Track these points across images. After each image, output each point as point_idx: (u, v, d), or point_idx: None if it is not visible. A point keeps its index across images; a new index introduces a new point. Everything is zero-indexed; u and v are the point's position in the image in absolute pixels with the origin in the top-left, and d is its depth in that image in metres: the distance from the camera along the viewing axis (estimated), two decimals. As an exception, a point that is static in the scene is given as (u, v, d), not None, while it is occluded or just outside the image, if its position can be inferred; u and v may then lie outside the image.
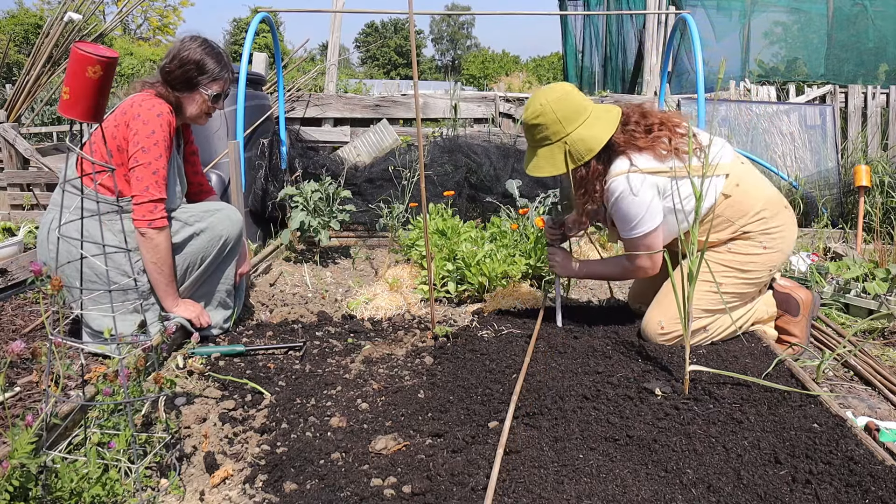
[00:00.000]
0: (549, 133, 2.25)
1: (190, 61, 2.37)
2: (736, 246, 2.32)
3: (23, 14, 17.63)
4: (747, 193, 2.29)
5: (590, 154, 2.22)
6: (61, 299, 2.37)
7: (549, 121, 2.23)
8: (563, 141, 2.24)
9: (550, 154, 2.28)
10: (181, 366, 2.20)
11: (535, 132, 2.29)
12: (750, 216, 2.28)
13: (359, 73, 28.49)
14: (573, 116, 2.23)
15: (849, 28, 6.33)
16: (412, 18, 2.39)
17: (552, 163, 2.28)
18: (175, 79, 2.37)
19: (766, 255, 2.31)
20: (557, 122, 2.23)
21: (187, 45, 2.39)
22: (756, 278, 2.34)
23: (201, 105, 2.44)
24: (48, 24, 5.30)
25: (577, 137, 2.23)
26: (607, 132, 2.23)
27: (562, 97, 2.24)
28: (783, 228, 2.32)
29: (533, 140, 2.32)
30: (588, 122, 2.24)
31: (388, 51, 56.37)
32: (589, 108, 2.26)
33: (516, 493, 1.52)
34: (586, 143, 2.22)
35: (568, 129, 2.23)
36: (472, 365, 2.22)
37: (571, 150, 2.24)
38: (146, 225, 2.24)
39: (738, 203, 2.28)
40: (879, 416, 2.02)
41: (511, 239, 3.27)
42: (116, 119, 2.28)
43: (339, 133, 5.53)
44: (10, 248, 3.39)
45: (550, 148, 2.27)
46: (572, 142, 2.23)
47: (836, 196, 4.86)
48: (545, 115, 2.23)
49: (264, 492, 1.58)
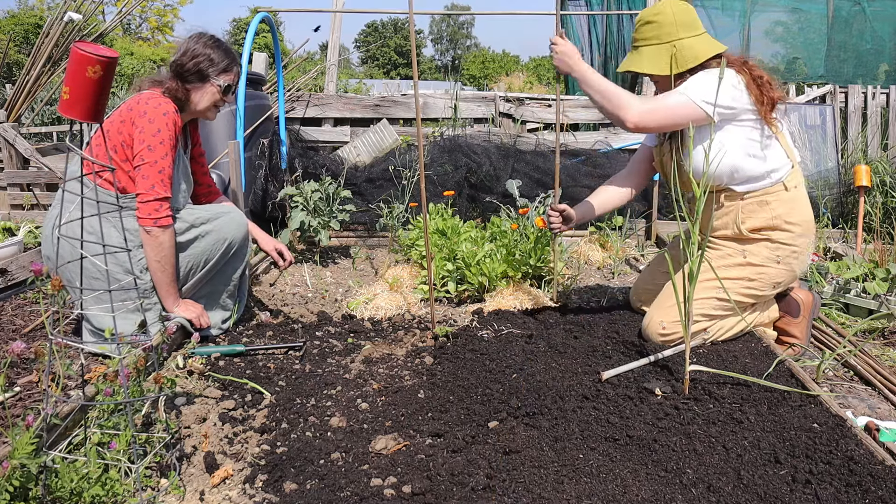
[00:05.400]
0: (662, 33, 2.29)
1: (201, 53, 2.43)
2: (752, 254, 2.32)
3: (23, 14, 17.63)
4: (798, 200, 2.30)
5: (695, 62, 2.25)
6: (62, 299, 2.38)
7: (667, 21, 2.28)
8: (673, 44, 2.28)
9: (657, 54, 2.31)
10: (181, 366, 2.20)
11: (647, 30, 2.32)
12: (786, 221, 2.28)
13: (359, 73, 28.50)
14: (690, 25, 2.28)
15: (847, 28, 6.33)
16: (412, 18, 2.39)
17: (655, 62, 2.31)
18: (187, 71, 2.42)
19: (777, 270, 2.31)
20: (674, 24, 2.27)
21: (197, 40, 2.47)
22: (759, 291, 2.33)
23: (213, 96, 2.48)
24: (48, 24, 5.30)
25: (687, 45, 2.27)
26: (716, 49, 2.27)
27: (684, 7, 2.30)
28: (802, 252, 2.33)
29: (642, 38, 2.35)
30: (701, 37, 2.29)
31: (388, 51, 56.37)
32: (702, 29, 2.31)
33: (516, 493, 1.52)
34: (694, 51, 2.26)
35: (681, 35, 2.27)
36: (472, 365, 2.22)
37: (678, 55, 2.27)
38: (151, 223, 2.26)
39: (788, 203, 2.28)
40: (879, 416, 2.02)
41: (511, 239, 3.27)
42: (122, 115, 2.30)
43: (339, 133, 5.53)
44: (10, 248, 3.39)
45: (658, 48, 2.31)
46: (682, 47, 2.27)
47: (837, 196, 4.87)
48: (664, 15, 2.28)
49: (264, 492, 1.58)
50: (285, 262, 2.86)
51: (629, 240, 4.26)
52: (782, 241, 2.29)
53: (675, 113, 2.20)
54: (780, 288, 2.38)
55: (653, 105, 2.22)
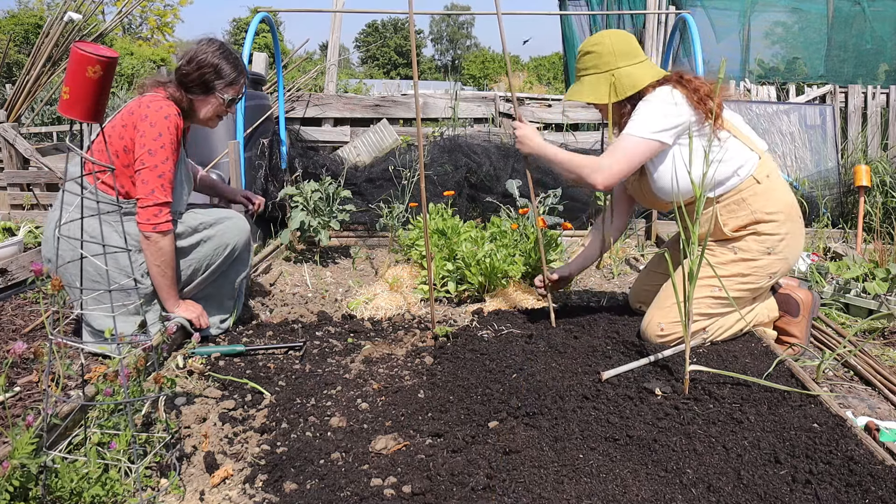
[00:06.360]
0: (601, 62, 2.33)
1: (207, 64, 2.36)
2: (742, 250, 2.32)
3: (23, 14, 17.62)
4: (773, 189, 2.31)
5: (633, 90, 2.30)
6: (62, 299, 2.38)
7: (605, 51, 2.32)
8: (612, 73, 2.32)
9: (597, 82, 2.35)
10: (181, 366, 2.20)
11: (587, 60, 2.37)
12: (766, 213, 2.29)
13: (359, 73, 28.50)
14: (628, 54, 2.32)
15: (847, 28, 6.32)
16: (412, 18, 2.39)
17: (595, 91, 2.35)
18: (191, 81, 2.37)
19: (770, 260, 2.30)
20: (612, 53, 2.31)
21: (205, 49, 2.39)
22: (756, 284, 2.33)
23: (216, 108, 2.45)
24: (48, 24, 5.30)
25: (625, 73, 2.31)
26: (654, 75, 2.32)
27: (623, 37, 2.35)
28: (792, 237, 2.33)
29: (583, 68, 2.40)
30: (641, 64, 2.33)
31: (388, 51, 56.36)
32: (643, 57, 2.36)
33: (516, 493, 1.52)
34: (633, 78, 2.30)
35: (619, 64, 2.31)
36: (472, 365, 2.22)
37: (616, 83, 2.31)
38: (151, 229, 2.24)
39: (763, 194, 2.29)
40: (879, 416, 2.03)
41: (511, 239, 3.27)
42: (124, 119, 2.28)
43: (339, 133, 5.53)
44: (10, 248, 3.39)
45: (598, 77, 2.35)
46: (620, 75, 2.31)
47: (836, 196, 4.87)
48: (602, 45, 2.33)
49: (264, 492, 1.58)
50: (255, 205, 2.90)
51: (629, 240, 4.26)
52: (768, 232, 2.30)
53: (633, 155, 2.26)
54: (776, 278, 2.37)
55: (611, 158, 2.27)
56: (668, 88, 2.26)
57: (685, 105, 2.23)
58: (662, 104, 2.24)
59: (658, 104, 2.24)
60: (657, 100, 2.25)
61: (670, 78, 2.31)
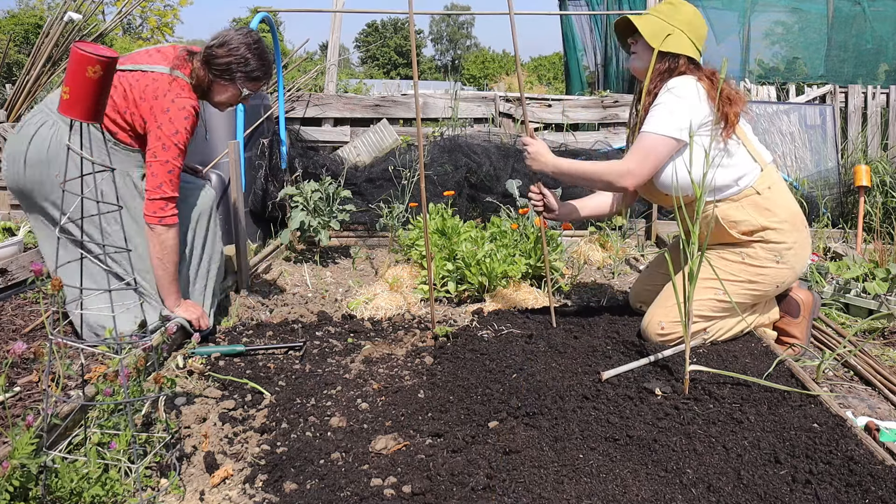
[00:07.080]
0: (671, 17, 2.32)
1: (238, 54, 2.37)
2: (749, 257, 2.31)
3: (23, 14, 17.62)
4: (775, 201, 2.30)
5: (677, 50, 2.28)
6: (61, 299, 2.38)
7: (682, 11, 2.33)
8: (674, 28, 2.31)
9: (657, 25, 2.33)
10: (181, 366, 2.20)
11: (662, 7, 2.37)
12: (770, 221, 2.28)
13: (359, 73, 28.49)
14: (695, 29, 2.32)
15: (847, 28, 6.32)
16: (412, 18, 2.39)
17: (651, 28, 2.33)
18: (218, 64, 2.38)
19: (778, 269, 2.30)
20: (687, 21, 2.32)
21: (241, 39, 2.39)
22: (762, 291, 2.33)
23: (231, 97, 2.47)
24: (48, 24, 5.30)
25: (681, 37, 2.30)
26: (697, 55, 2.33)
27: (702, 19, 2.36)
28: (800, 247, 2.33)
29: (655, 10, 2.40)
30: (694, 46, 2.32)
31: (388, 51, 56.37)
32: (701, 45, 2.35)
33: (516, 493, 1.52)
34: (682, 45, 2.29)
35: (683, 28, 2.31)
36: (472, 365, 2.22)
37: (669, 39, 2.30)
38: (157, 221, 2.28)
39: (764, 205, 2.28)
40: (879, 416, 2.02)
41: (511, 239, 3.27)
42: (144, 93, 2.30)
43: (339, 133, 5.53)
44: (10, 248, 3.39)
45: (662, 23, 2.33)
46: (676, 35, 2.30)
47: (836, 196, 4.87)
48: (684, 7, 2.34)
49: (264, 492, 1.58)
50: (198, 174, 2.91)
51: (629, 240, 4.26)
52: (776, 240, 2.29)
53: (656, 153, 2.25)
54: (783, 287, 2.37)
55: (634, 159, 2.27)
56: (694, 81, 2.25)
57: (705, 103, 2.23)
58: (686, 99, 2.22)
59: (681, 99, 2.23)
60: (683, 89, 2.23)
61: (705, 71, 2.31)
